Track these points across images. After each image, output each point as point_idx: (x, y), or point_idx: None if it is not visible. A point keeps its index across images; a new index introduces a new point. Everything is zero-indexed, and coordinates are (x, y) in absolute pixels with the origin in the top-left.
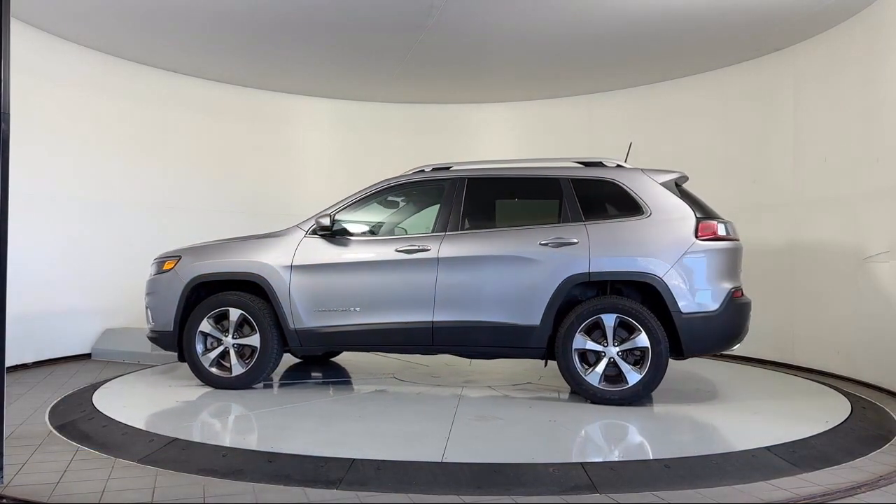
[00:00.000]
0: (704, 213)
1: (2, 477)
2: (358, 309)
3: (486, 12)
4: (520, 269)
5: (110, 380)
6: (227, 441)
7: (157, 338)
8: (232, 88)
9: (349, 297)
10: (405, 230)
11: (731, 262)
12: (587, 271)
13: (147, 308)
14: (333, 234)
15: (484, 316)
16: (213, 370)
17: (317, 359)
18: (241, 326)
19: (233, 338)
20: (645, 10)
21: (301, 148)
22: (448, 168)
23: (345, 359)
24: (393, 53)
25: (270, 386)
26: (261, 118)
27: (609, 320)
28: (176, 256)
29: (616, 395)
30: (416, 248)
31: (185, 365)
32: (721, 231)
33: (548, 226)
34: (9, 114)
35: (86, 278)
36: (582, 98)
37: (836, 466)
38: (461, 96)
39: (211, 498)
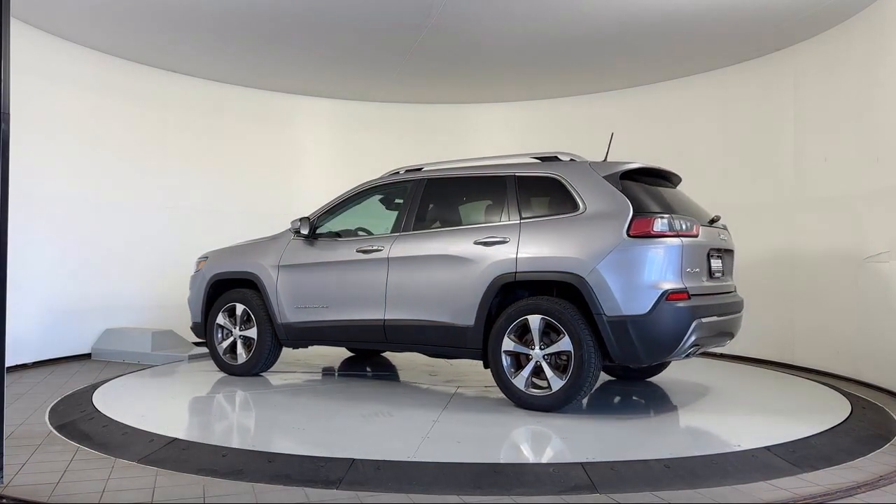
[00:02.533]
0: (664, 207)
1: (2, 477)
2: (327, 306)
3: (485, 12)
4: (455, 269)
5: (110, 380)
6: (227, 441)
7: (194, 328)
8: (232, 88)
9: (320, 294)
10: (374, 231)
11: (671, 260)
12: (514, 271)
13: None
14: (313, 236)
15: (427, 315)
16: (226, 357)
17: (366, 354)
18: (249, 320)
19: (239, 330)
20: (645, 9)
21: (301, 148)
22: (420, 169)
23: (390, 355)
24: (393, 53)
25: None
26: (261, 118)
27: (535, 322)
28: (205, 257)
29: (539, 400)
30: (373, 248)
31: (185, 365)
32: (659, 227)
33: (485, 224)
34: (9, 114)
35: (86, 278)
36: (582, 98)
37: (836, 466)
38: (461, 96)
39: (211, 498)
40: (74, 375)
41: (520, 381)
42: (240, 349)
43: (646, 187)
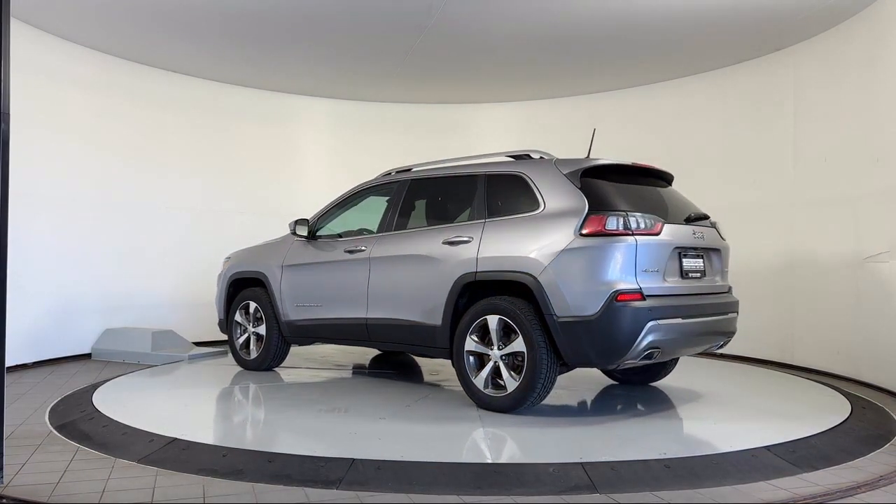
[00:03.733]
0: (630, 205)
1: (2, 477)
2: (320, 305)
3: (485, 13)
4: (426, 268)
5: (110, 380)
6: (227, 441)
7: (219, 324)
8: (232, 88)
9: (315, 293)
10: (364, 232)
11: (623, 259)
12: (475, 270)
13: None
14: (310, 237)
15: (402, 314)
16: (241, 353)
17: (391, 352)
18: (261, 318)
19: (252, 327)
20: (645, 9)
21: (301, 148)
22: (409, 170)
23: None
24: (393, 53)
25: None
26: (261, 118)
27: (493, 323)
28: (229, 257)
29: (496, 401)
30: (358, 248)
31: (185, 365)
32: (611, 225)
33: (454, 224)
34: (9, 114)
35: (85, 278)
36: (582, 98)
37: (836, 466)
38: (461, 96)
39: (211, 498)
40: (74, 375)
41: (479, 381)
42: (252, 345)
43: (616, 185)
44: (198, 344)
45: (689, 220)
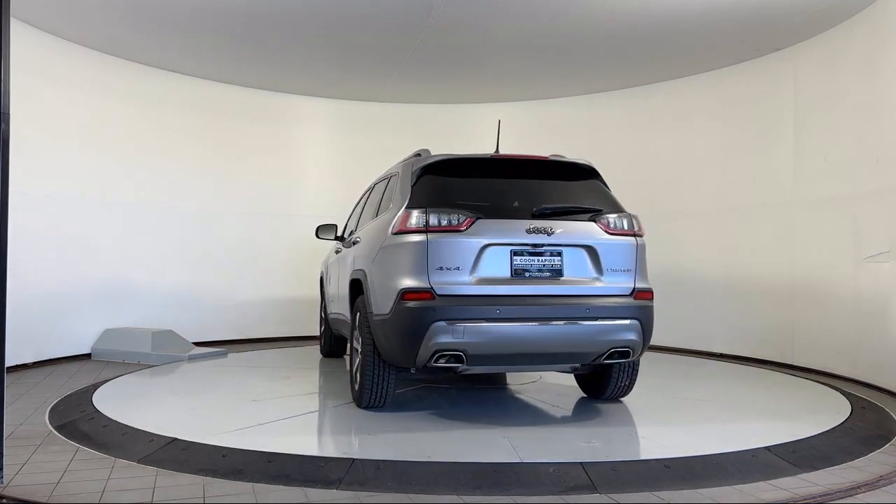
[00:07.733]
0: (463, 201)
1: (2, 477)
2: (332, 300)
3: (485, 13)
4: (344, 268)
5: (110, 380)
6: (227, 441)
7: None
8: (232, 88)
9: (330, 290)
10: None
11: (414, 257)
12: (352, 269)
13: None
14: (339, 238)
15: (342, 310)
16: (321, 341)
17: None
18: None
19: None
20: (645, 9)
21: (301, 148)
22: None
23: None
24: (393, 54)
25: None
26: (261, 118)
27: (357, 320)
28: None
29: (354, 396)
30: (340, 249)
31: (185, 365)
32: (411, 222)
33: (361, 227)
34: (9, 114)
35: (86, 278)
36: (582, 98)
37: (836, 466)
38: (461, 96)
39: (211, 498)
40: (74, 375)
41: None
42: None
43: (463, 180)
44: (198, 344)
45: (537, 215)
